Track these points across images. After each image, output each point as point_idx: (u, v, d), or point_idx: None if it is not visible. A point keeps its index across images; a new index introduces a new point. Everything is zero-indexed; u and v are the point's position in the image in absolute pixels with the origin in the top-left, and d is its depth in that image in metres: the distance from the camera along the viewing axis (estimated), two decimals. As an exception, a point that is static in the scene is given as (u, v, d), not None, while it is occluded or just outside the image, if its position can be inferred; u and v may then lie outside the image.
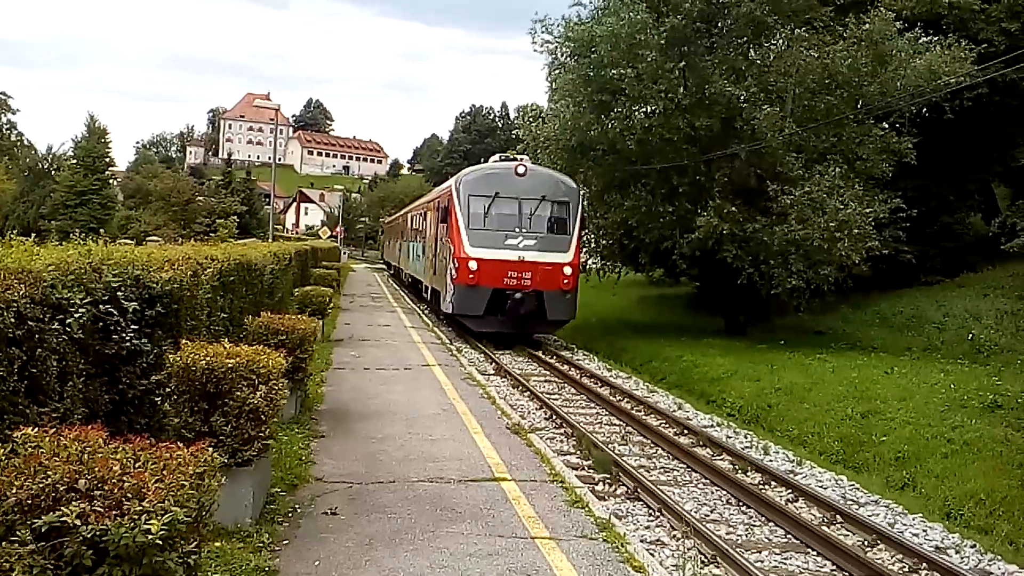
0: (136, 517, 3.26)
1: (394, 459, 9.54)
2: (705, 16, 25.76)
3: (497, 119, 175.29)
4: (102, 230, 11.21)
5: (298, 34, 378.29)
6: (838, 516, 9.89)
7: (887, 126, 25.37)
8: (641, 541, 8.09)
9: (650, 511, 9.66)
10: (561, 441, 12.52)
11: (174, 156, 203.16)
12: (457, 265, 22.77)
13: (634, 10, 27.25)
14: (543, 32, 35.61)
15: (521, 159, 25.97)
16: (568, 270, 23.02)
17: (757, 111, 23.21)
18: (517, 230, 23.12)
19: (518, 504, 8.11)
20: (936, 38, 26.22)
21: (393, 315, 28.33)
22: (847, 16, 26.12)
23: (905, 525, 10.08)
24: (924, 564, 8.50)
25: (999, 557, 9.27)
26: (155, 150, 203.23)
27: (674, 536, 8.83)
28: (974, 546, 9.53)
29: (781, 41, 25.95)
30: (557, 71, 35.14)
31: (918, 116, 25.97)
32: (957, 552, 9.32)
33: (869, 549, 8.98)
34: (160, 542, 3.26)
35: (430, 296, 29.06)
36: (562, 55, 34.90)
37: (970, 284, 28.17)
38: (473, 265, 22.37)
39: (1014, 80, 27.31)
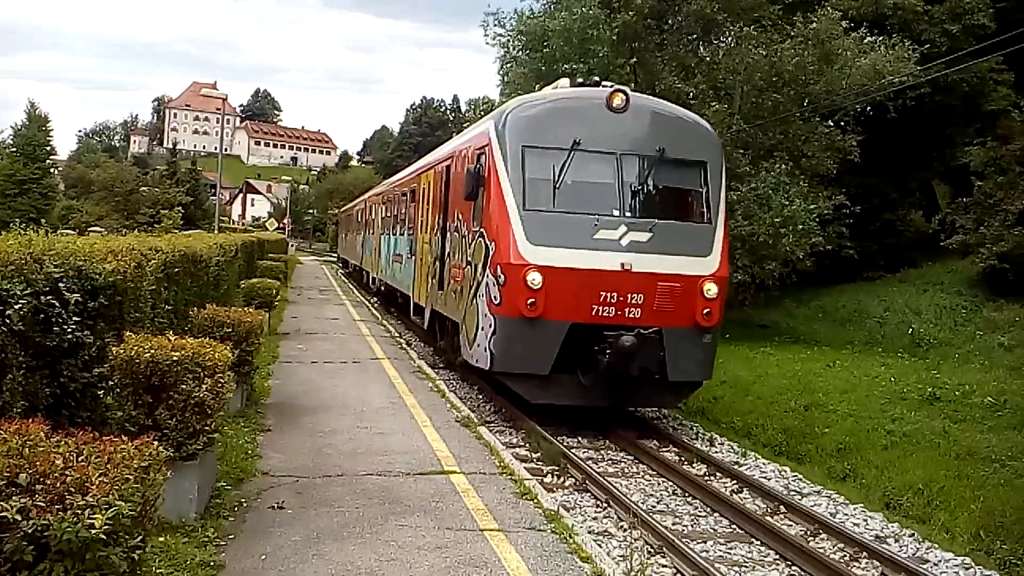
0: (79, 511, 3.22)
1: (342, 453, 9.49)
2: (656, 13, 25.97)
3: (448, 112, 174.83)
4: (43, 220, 10.98)
5: (246, 23, 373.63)
6: (781, 506, 10.07)
7: (832, 124, 25.88)
8: (589, 532, 8.15)
9: (598, 502, 9.74)
10: (511, 434, 12.55)
11: (118, 145, 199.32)
12: (502, 279, 12.03)
13: (586, 5, 27.44)
14: (495, 25, 35.67)
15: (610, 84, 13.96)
16: (712, 289, 12.34)
17: (706, 108, 23.49)
18: (615, 213, 12.32)
19: (467, 497, 8.13)
20: (881, 38, 26.79)
21: (341, 308, 28.11)
22: (795, 15, 26.56)
23: (846, 515, 10.29)
24: (864, 553, 8.70)
25: (936, 545, 9.52)
26: (98, 139, 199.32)
27: (621, 527, 8.92)
28: (912, 535, 9.77)
29: (730, 39, 26.32)
30: (509, 64, 35.20)
31: (862, 115, 26.53)
32: (896, 541, 9.54)
33: (811, 538, 9.16)
34: (104, 537, 3.22)
35: (427, 322, 17.83)
36: (514, 49, 34.99)
37: (910, 280, 28.85)
38: (535, 279, 11.73)
39: (955, 80, 28.04)
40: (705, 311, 12.26)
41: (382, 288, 29.74)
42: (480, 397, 15.08)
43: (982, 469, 11.91)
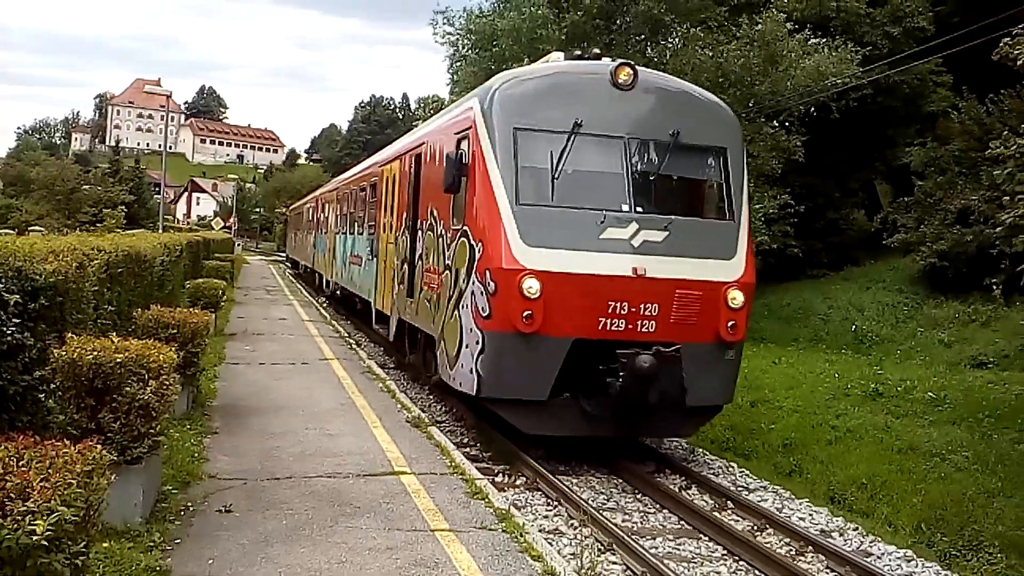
0: (20, 518, 3.15)
1: (291, 455, 9.40)
2: (604, 13, 26.16)
3: (398, 110, 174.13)
4: (-20, 219, 10.71)
5: (191, 19, 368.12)
6: (729, 502, 10.20)
7: (777, 124, 26.28)
8: (540, 531, 8.19)
9: (548, 501, 9.78)
10: (462, 434, 12.54)
11: (58, 143, 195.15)
12: (491, 287, 10.28)
13: (535, 5, 27.51)
14: (445, 24, 35.60)
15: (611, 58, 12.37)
16: (737, 297, 10.74)
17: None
18: (625, 208, 10.65)
19: (418, 497, 8.10)
20: (824, 40, 27.28)
21: (289, 308, 27.82)
22: (741, 16, 26.92)
23: (792, 510, 10.46)
24: (810, 547, 8.85)
25: (879, 539, 9.73)
26: (38, 136, 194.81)
27: (572, 525, 8.96)
28: (856, 529, 9.97)
29: (677, 40, 26.59)
30: (459, 63, 35.16)
31: (806, 115, 27.00)
32: (841, 535, 9.72)
33: (758, 533, 9.30)
34: (46, 543, 3.15)
35: (393, 333, 16.12)
36: (464, 48, 34.96)
37: (854, 278, 29.39)
38: (532, 287, 10.07)
39: (896, 82, 28.62)
40: (730, 324, 10.62)
41: (337, 292, 27.37)
42: (431, 397, 15.02)
43: (923, 463, 12.20)
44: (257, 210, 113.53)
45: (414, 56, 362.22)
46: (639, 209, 10.62)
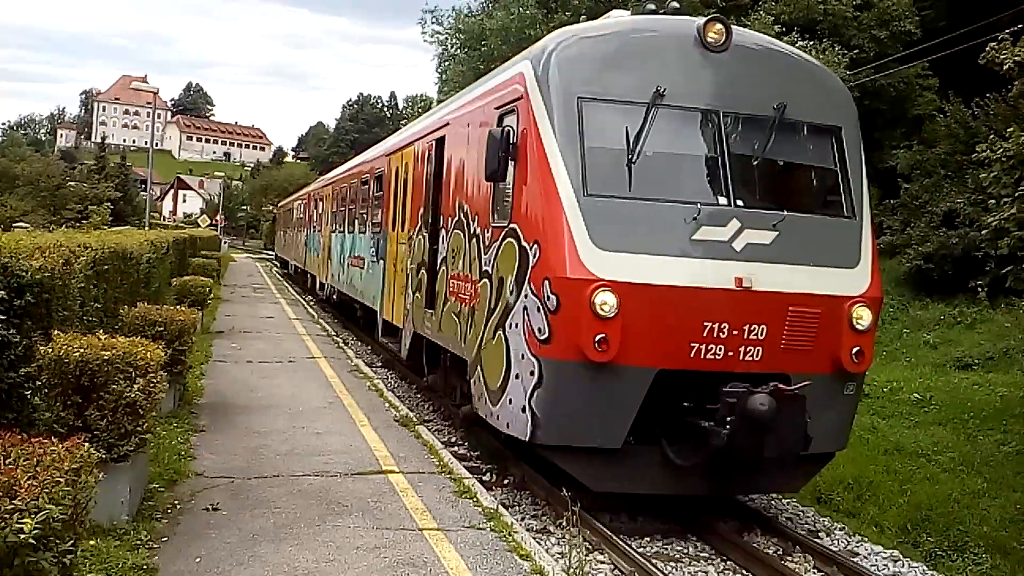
0: (7, 516, 3.12)
1: (278, 453, 9.37)
2: (593, 14, 26.17)
3: (386, 108, 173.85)
4: (-36, 215, 10.63)
5: (178, 16, 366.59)
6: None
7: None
8: (528, 530, 8.18)
9: (536, 500, 9.77)
10: (449, 432, 12.52)
11: (44, 139, 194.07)
12: (552, 303, 8.11)
13: (524, 5, 27.52)
14: (433, 23, 35.62)
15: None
16: (864, 317, 8.70)
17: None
18: (722, 202, 8.65)
19: (406, 496, 8.09)
20: (812, 43, 27.37)
21: (276, 306, 27.73)
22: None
23: (779, 510, 10.49)
24: (797, 547, 8.87)
25: (866, 538, 9.77)
26: (23, 132, 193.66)
27: (560, 524, 8.95)
28: (843, 529, 10.00)
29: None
30: (447, 62, 35.19)
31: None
32: (828, 535, 9.75)
33: (746, 534, 9.31)
34: (33, 541, 3.12)
35: (406, 349, 13.86)
36: (452, 47, 34.99)
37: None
38: (607, 302, 7.94)
39: (883, 85, 28.74)
40: (854, 350, 8.51)
41: (334, 297, 24.91)
42: (419, 396, 15.00)
43: (909, 464, 12.26)
44: (244, 208, 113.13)
45: (402, 55, 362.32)
46: (740, 202, 8.52)
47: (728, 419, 7.80)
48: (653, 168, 8.59)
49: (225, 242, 74.60)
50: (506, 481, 10.37)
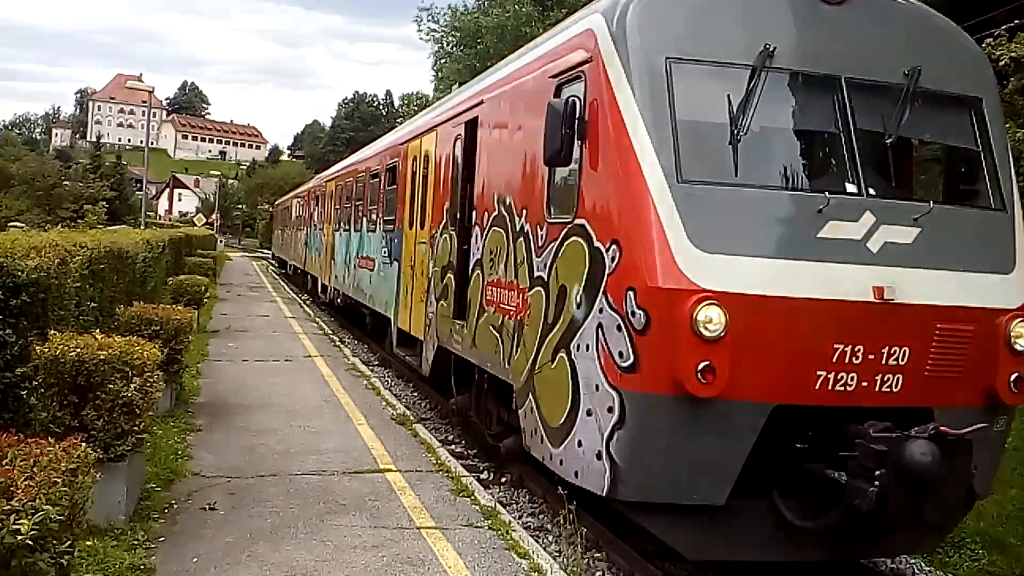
0: (4, 517, 3.11)
1: (275, 452, 9.36)
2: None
3: (381, 106, 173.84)
4: (-40, 215, 10.61)
5: (172, 15, 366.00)
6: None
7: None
8: (526, 528, 8.18)
9: (534, 498, 9.76)
10: (447, 431, 12.51)
11: (39, 138, 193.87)
12: (640, 320, 6.32)
13: (520, 3, 27.52)
14: (429, 21, 35.61)
15: None
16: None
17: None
18: (852, 190, 6.78)
19: (403, 495, 8.09)
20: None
21: (272, 305, 27.71)
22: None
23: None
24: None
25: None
26: (18, 132, 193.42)
27: (557, 522, 8.95)
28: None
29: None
30: (443, 60, 35.19)
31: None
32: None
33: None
34: (31, 542, 3.12)
35: (428, 364, 12.24)
36: (448, 45, 34.98)
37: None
38: (713, 319, 6.14)
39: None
40: (1013, 377, 6.81)
41: (338, 300, 23.08)
42: (415, 394, 14.99)
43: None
44: (239, 206, 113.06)
45: (397, 53, 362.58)
46: (872, 191, 6.82)
47: (877, 473, 6.06)
48: (763, 147, 6.94)
49: (221, 241, 74.53)
50: (503, 479, 10.36)
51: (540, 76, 8.33)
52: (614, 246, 6.61)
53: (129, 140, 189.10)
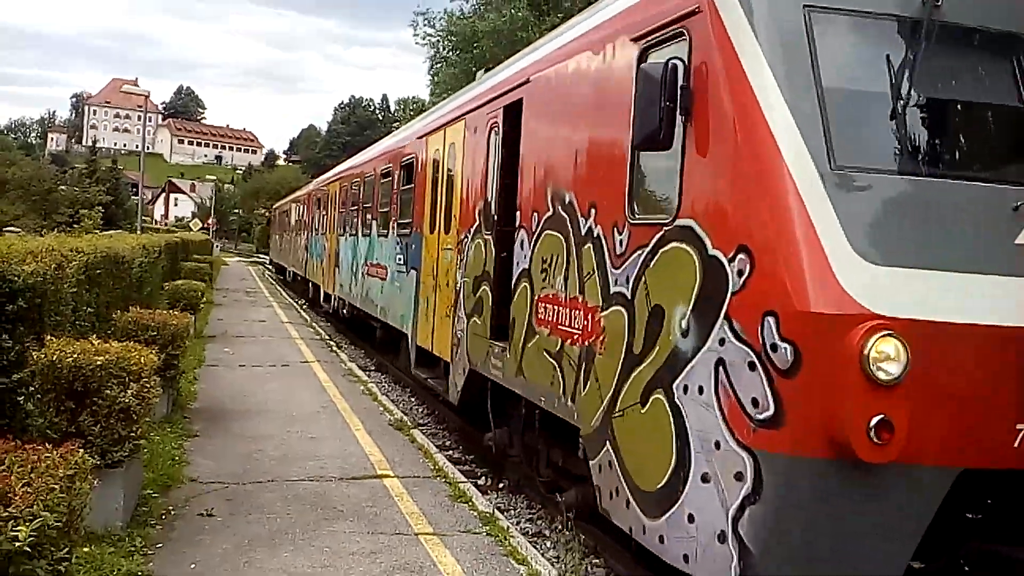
0: (2, 523, 3.09)
1: (272, 458, 9.33)
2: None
3: (377, 111, 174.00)
4: (-45, 220, 10.56)
5: (167, 19, 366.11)
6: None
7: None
8: (524, 534, 8.15)
9: (532, 504, 9.74)
10: (444, 436, 12.49)
11: (34, 143, 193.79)
12: (787, 353, 4.59)
13: (516, 7, 27.55)
14: (425, 25, 35.62)
15: None
16: None
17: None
18: None
19: (401, 501, 8.07)
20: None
21: (269, 310, 27.67)
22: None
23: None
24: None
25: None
26: (13, 136, 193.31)
27: (555, 528, 8.94)
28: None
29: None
30: (439, 65, 35.19)
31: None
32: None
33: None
34: (28, 549, 3.10)
35: (458, 389, 10.54)
36: (444, 49, 35.00)
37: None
38: (890, 355, 4.47)
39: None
40: None
41: (343, 311, 21.53)
42: (413, 400, 14.96)
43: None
44: (236, 211, 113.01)
45: (393, 57, 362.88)
46: None
47: None
48: (935, 124, 5.43)
49: (217, 246, 74.48)
50: (501, 485, 10.34)
51: (615, 41, 6.71)
52: (742, 255, 4.94)
53: (125, 145, 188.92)
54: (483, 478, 10.45)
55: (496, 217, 9.35)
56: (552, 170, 7.83)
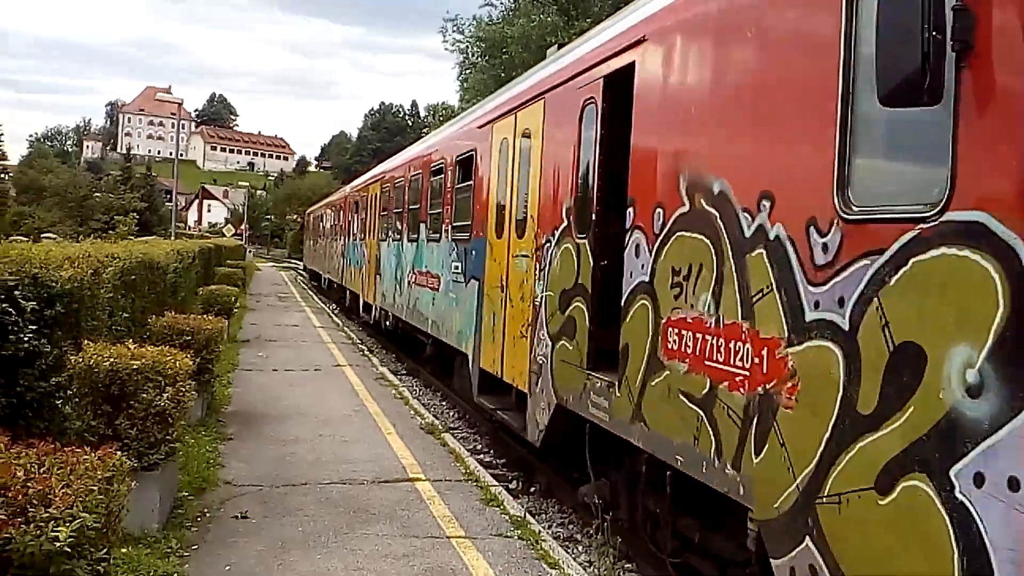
0: (43, 524, 3.14)
1: (305, 461, 9.39)
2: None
3: (407, 117, 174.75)
4: (-6, 227, 10.75)
5: (200, 28, 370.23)
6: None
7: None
8: (555, 538, 8.14)
9: (563, 508, 9.73)
10: (475, 440, 12.51)
11: (70, 150, 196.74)
12: None
13: (545, 12, 27.59)
14: (454, 31, 35.78)
15: None
16: None
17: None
18: None
19: (433, 504, 8.08)
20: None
21: (301, 315, 27.86)
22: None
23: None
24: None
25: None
26: (50, 144, 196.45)
27: (587, 533, 8.92)
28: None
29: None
30: (468, 70, 35.32)
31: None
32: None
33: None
34: (68, 549, 3.14)
35: (541, 428, 8.75)
36: (473, 55, 35.11)
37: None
38: None
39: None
40: None
41: (386, 323, 19.68)
42: (444, 403, 14.99)
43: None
44: (268, 217, 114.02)
45: (421, 64, 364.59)
46: None
47: None
48: None
49: (250, 251, 75.17)
50: (532, 489, 10.34)
51: None
52: None
53: (159, 152, 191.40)
54: (514, 482, 10.45)
55: (594, 216, 7.57)
56: (686, 152, 6.05)
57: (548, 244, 8.71)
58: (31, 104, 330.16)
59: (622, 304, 6.75)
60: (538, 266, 8.96)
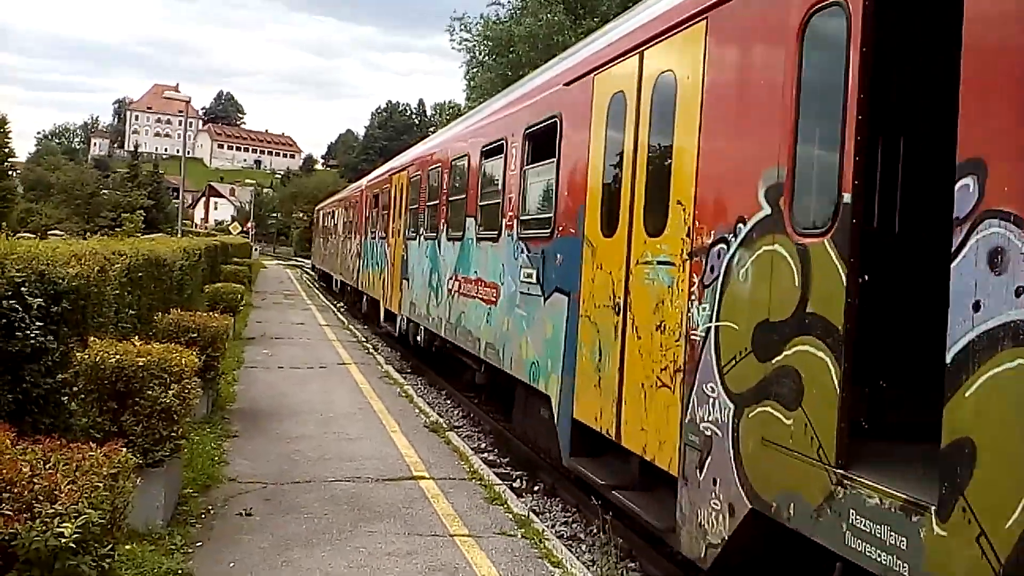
0: (48, 520, 3.16)
1: (310, 459, 9.41)
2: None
3: (414, 116, 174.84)
4: (2, 223, 10.75)
5: (208, 26, 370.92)
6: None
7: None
8: (559, 537, 8.15)
9: (567, 507, 9.73)
10: (479, 439, 12.52)
11: (77, 148, 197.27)
12: None
13: (552, 11, 27.56)
14: (462, 30, 35.79)
15: None
16: None
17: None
18: None
19: (436, 502, 8.09)
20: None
21: (307, 313, 27.90)
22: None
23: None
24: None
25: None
26: (57, 141, 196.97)
27: (590, 532, 8.92)
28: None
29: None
30: (475, 69, 35.32)
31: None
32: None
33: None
34: (73, 545, 3.16)
35: (725, 534, 5.29)
36: (480, 54, 35.12)
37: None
38: None
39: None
40: None
41: (418, 339, 16.00)
42: (448, 402, 15.00)
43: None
44: (274, 215, 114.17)
45: (429, 63, 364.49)
46: None
47: None
48: None
49: (256, 249, 75.26)
50: (536, 488, 10.35)
51: None
52: None
53: (166, 149, 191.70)
54: (518, 481, 10.46)
55: (850, 199, 4.44)
56: None
57: (724, 245, 5.61)
58: (39, 101, 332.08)
59: (949, 362, 3.69)
60: (699, 280, 5.91)
